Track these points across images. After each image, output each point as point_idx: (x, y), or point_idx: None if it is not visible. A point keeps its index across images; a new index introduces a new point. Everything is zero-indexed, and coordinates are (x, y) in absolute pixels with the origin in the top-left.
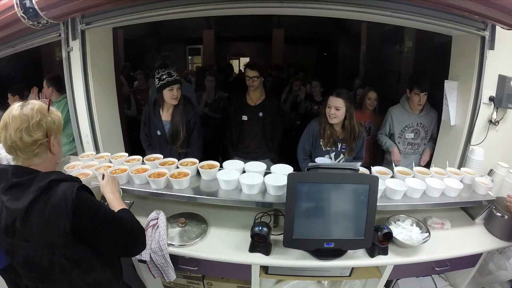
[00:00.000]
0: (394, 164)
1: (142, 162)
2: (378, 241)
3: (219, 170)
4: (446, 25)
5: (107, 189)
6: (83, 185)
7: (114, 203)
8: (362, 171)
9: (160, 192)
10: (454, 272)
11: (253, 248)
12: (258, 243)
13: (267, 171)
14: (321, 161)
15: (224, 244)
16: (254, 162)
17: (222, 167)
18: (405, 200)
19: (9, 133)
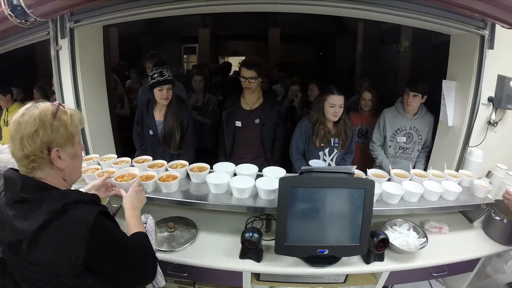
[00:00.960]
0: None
1: (131, 164)
2: (374, 247)
3: (210, 172)
4: (445, 23)
5: (127, 204)
6: (104, 210)
7: (130, 222)
8: (357, 174)
9: (148, 196)
10: (452, 276)
11: (243, 254)
12: (249, 250)
13: (259, 173)
14: (315, 164)
15: (213, 250)
16: (246, 165)
17: (212, 169)
18: (402, 204)
19: (10, 139)
